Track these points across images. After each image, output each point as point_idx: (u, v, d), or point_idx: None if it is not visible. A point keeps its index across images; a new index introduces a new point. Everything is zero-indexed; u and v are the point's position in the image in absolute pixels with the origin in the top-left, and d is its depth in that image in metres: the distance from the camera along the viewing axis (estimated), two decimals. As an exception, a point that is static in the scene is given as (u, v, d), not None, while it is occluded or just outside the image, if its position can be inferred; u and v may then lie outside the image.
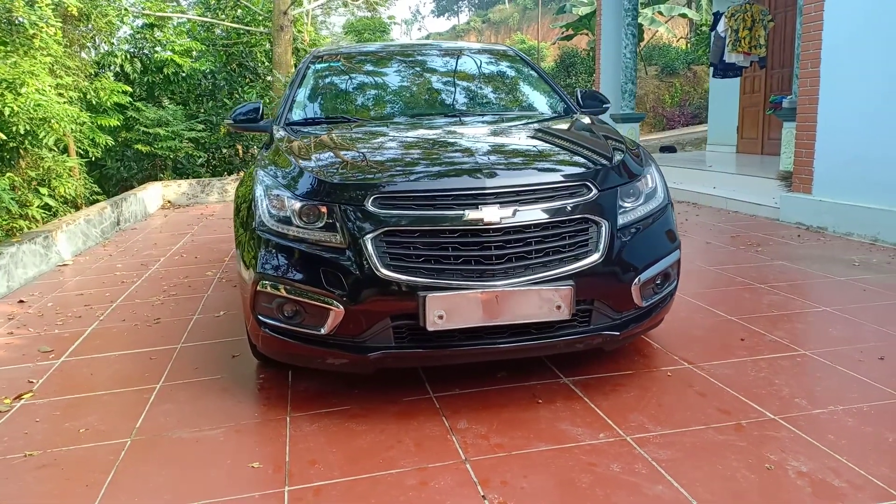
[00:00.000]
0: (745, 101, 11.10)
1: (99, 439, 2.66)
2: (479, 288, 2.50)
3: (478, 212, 2.54)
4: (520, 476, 2.22)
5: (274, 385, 3.09)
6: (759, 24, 9.03)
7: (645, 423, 2.55)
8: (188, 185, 11.00)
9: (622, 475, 2.20)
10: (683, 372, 3.01)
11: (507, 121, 3.62)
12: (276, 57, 12.14)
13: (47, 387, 3.24)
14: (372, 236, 2.54)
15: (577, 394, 2.83)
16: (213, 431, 2.67)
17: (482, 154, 2.85)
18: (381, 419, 2.70)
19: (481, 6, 55.36)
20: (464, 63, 4.32)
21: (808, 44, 6.23)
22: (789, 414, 2.58)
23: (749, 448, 2.35)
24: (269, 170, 2.98)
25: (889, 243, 5.41)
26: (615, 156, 2.91)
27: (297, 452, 2.46)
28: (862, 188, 5.75)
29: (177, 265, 5.91)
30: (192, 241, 7.14)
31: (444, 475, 2.25)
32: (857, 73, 5.74)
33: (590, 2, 19.93)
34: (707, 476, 2.18)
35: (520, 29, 44.13)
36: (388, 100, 3.94)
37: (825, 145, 6.14)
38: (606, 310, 2.69)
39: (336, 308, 2.55)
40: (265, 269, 2.70)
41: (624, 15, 10.55)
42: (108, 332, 4.05)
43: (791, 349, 3.23)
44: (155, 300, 4.72)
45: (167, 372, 3.34)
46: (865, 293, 4.09)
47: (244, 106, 4.01)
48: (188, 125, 11.63)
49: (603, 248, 2.63)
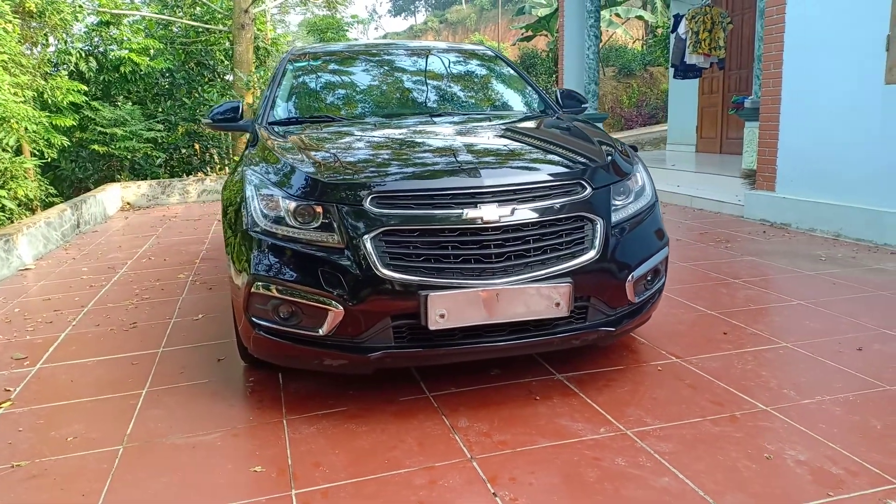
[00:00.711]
0: (704, 101, 11.35)
1: (89, 447, 2.58)
2: (479, 286, 2.50)
3: (477, 210, 2.55)
4: (527, 472, 2.24)
5: (265, 387, 3.05)
6: (719, 27, 9.26)
7: (643, 417, 2.59)
8: (148, 186, 10.75)
9: (628, 468, 2.24)
10: (673, 366, 3.07)
11: (495, 120, 3.65)
12: (236, 55, 11.96)
13: (26, 395, 3.13)
14: (371, 236, 2.53)
15: (572, 390, 2.87)
16: (209, 436, 2.62)
17: (478, 153, 2.86)
18: (381, 419, 2.68)
19: (438, 6, 55.41)
20: (443, 62, 4.33)
21: (771, 45, 6.41)
22: (780, 405, 2.65)
23: (746, 439, 2.41)
24: (258, 170, 2.94)
25: (851, 238, 5.61)
26: (606, 155, 2.96)
27: (299, 455, 2.43)
28: (824, 185, 5.94)
29: (146, 268, 5.77)
30: (158, 244, 6.99)
31: (451, 474, 2.25)
32: (817, 73, 5.93)
33: (549, 3, 20.15)
34: (710, 467, 2.23)
35: (477, 30, 44.29)
36: (372, 99, 3.92)
37: (788, 144, 6.33)
38: (602, 306, 2.73)
39: (335, 308, 2.53)
40: (259, 270, 2.66)
41: (587, 17, 10.69)
42: (82, 337, 3.94)
43: (773, 342, 3.32)
44: (128, 304, 4.61)
45: (151, 377, 3.26)
46: (835, 287, 4.23)
47: (222, 105, 3.95)
48: (147, 125, 11.39)
49: (598, 246, 2.66)
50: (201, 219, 8.79)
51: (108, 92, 12.01)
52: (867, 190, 5.52)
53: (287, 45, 16.25)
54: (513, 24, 26.04)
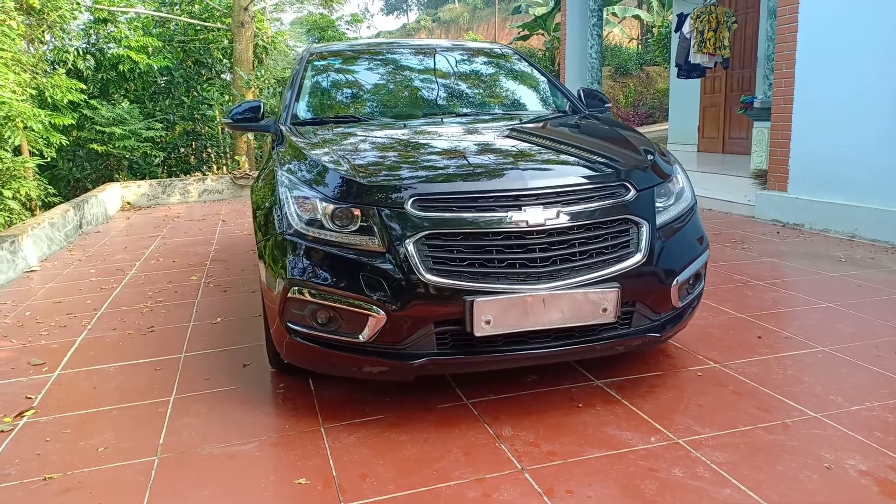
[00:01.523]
0: (706, 100, 11.34)
1: (122, 458, 2.50)
2: (525, 291, 2.44)
3: (522, 213, 2.48)
4: (584, 484, 2.18)
5: (297, 394, 2.97)
6: (724, 26, 9.23)
7: (692, 426, 2.53)
8: (148, 185, 10.62)
9: (686, 480, 2.18)
10: (712, 371, 3.02)
11: (528, 120, 3.58)
12: (236, 54, 11.83)
13: (48, 402, 3.04)
14: (414, 239, 2.46)
15: (614, 396, 2.81)
16: (246, 446, 2.54)
17: (519, 154, 2.80)
18: (421, 428, 2.62)
19: (430, 5, 55.29)
20: (465, 62, 4.26)
21: (783, 45, 6.38)
22: (830, 411, 2.61)
23: (801, 447, 2.36)
24: (290, 171, 2.86)
25: (867, 239, 5.58)
26: (647, 156, 2.90)
27: (343, 466, 2.36)
28: (838, 186, 5.92)
29: (155, 270, 5.67)
30: (164, 245, 6.88)
31: (504, 486, 2.19)
32: (831, 74, 5.90)
33: (545, 2, 20.11)
34: (770, 478, 2.18)
35: (470, 28, 44.22)
36: (397, 99, 3.84)
37: (800, 144, 6.30)
38: (647, 311, 2.67)
39: (377, 314, 2.46)
40: (296, 274, 2.58)
41: (589, 16, 10.66)
42: (100, 342, 3.85)
43: (809, 346, 3.27)
44: (142, 307, 4.51)
45: (177, 383, 3.18)
46: (861, 289, 4.20)
47: (242, 104, 3.87)
48: (146, 124, 11.24)
49: (644, 249, 2.60)
50: (205, 219, 8.68)
51: (107, 90, 11.86)
52: (883, 191, 5.50)
53: (284, 44, 16.13)
54: (509, 22, 25.99)
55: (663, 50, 17.82)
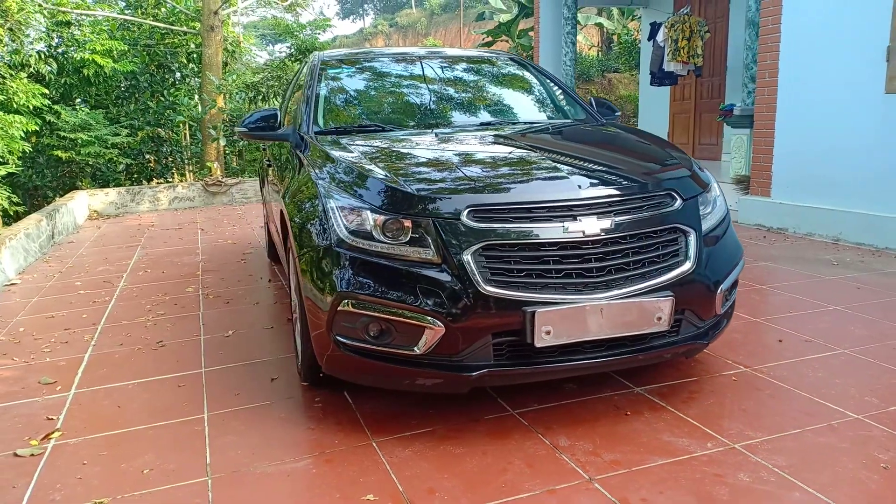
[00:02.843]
0: (676, 107, 11.58)
1: (171, 480, 2.42)
2: (582, 301, 2.45)
3: (578, 223, 2.50)
4: (655, 493, 2.19)
5: (337, 409, 2.92)
6: (697, 35, 9.46)
7: (743, 430, 2.58)
8: (116, 193, 10.32)
9: (754, 485, 2.22)
10: (746, 376, 3.08)
11: (557, 129, 3.61)
12: (206, 58, 11.60)
13: (73, 423, 2.92)
14: (472, 251, 2.44)
15: (658, 403, 2.84)
16: (300, 463, 2.48)
17: (566, 163, 2.81)
18: (475, 440, 2.60)
19: (387, 10, 55.22)
20: (478, 70, 4.27)
21: (766, 55, 6.57)
22: (869, 412, 2.68)
23: (853, 449, 2.42)
24: (333, 181, 2.82)
25: (852, 242, 5.78)
26: (687, 165, 2.95)
27: (407, 480, 2.33)
28: (822, 191, 6.11)
29: (145, 282, 5.51)
30: (146, 256, 6.69)
31: (578, 497, 2.19)
32: (814, 82, 6.10)
33: (509, 9, 20.28)
34: (834, 479, 2.23)
35: (428, 34, 44.33)
36: (420, 107, 3.82)
37: (783, 151, 6.49)
38: (694, 319, 2.71)
39: (435, 326, 2.43)
40: (347, 287, 2.54)
41: (563, 23, 10.78)
42: (109, 358, 3.72)
43: (830, 348, 3.37)
44: (144, 321, 4.38)
45: (206, 400, 3.09)
46: (861, 291, 4.34)
47: (256, 113, 3.80)
48: (112, 129, 10.93)
49: (693, 257, 2.64)
50: (181, 228, 8.48)
51: (70, 95, 11.50)
52: (867, 195, 5.70)
53: (250, 49, 15.90)
54: (474, 28, 26.13)
55: (629, 57, 18.13)
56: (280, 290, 5.00)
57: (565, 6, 10.59)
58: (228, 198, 10.91)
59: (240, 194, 10.99)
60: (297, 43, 12.15)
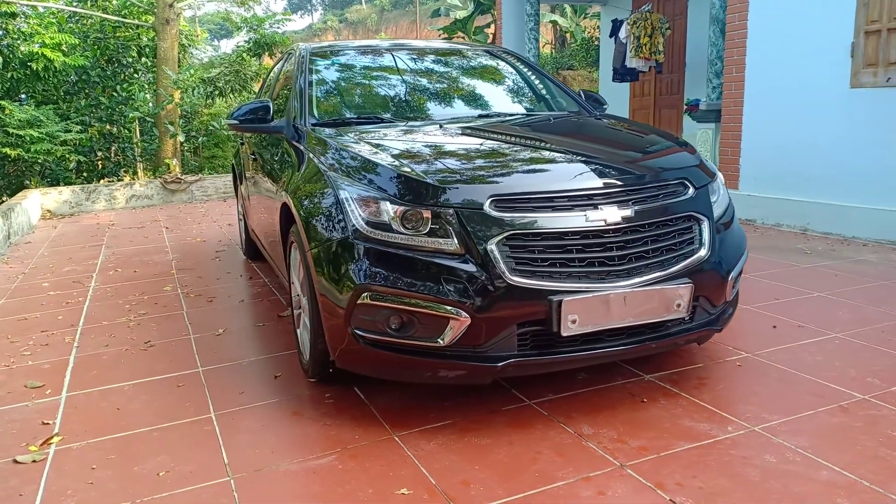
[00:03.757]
0: (636, 103, 11.78)
1: (191, 482, 2.34)
2: (606, 289, 2.46)
3: (599, 212, 2.51)
4: (689, 476, 2.22)
5: (349, 404, 2.87)
6: (658, 32, 9.64)
7: (759, 413, 2.63)
8: (70, 192, 9.95)
9: (782, 465, 2.26)
10: (749, 361, 3.15)
11: (560, 119, 3.61)
12: (161, 52, 11.26)
13: (72, 427, 2.80)
14: (496, 241, 2.43)
15: (671, 390, 2.88)
16: (324, 460, 2.43)
17: (581, 153, 2.82)
18: (498, 430, 2.59)
19: (335, 5, 54.65)
20: (474, 63, 4.25)
21: (733, 50, 6.74)
22: (874, 392, 2.77)
23: (867, 427, 2.50)
24: (346, 173, 2.76)
25: (819, 232, 5.98)
26: (695, 154, 2.99)
27: (439, 473, 2.30)
28: (789, 183, 6.30)
29: (119, 282, 5.32)
30: (113, 255, 6.46)
31: (614, 483, 2.20)
32: (780, 78, 6.28)
33: (465, 6, 20.31)
34: (857, 457, 2.29)
35: (379, 30, 44.07)
36: (417, 98, 3.78)
37: (750, 145, 6.67)
38: (707, 305, 2.75)
39: (460, 317, 2.41)
40: (367, 279, 2.50)
41: (526, 20, 10.84)
42: (97, 360, 3.57)
43: (823, 333, 3.47)
44: (126, 321, 4.22)
45: (210, 400, 3.00)
46: (839, 278, 4.49)
47: (247, 105, 3.71)
48: (63, 126, 10.52)
49: (707, 244, 2.69)
50: (144, 226, 8.22)
51: (16, 90, 11.02)
52: (833, 187, 5.90)
53: (202, 42, 15.53)
54: (429, 25, 26.08)
55: (586, 54, 18.37)
56: (263, 288, 4.89)
57: (528, 2, 10.65)
58: (188, 195, 10.63)
59: (200, 192, 10.72)
60: (257, 37, 11.88)
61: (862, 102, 5.60)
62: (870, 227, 5.58)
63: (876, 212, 5.54)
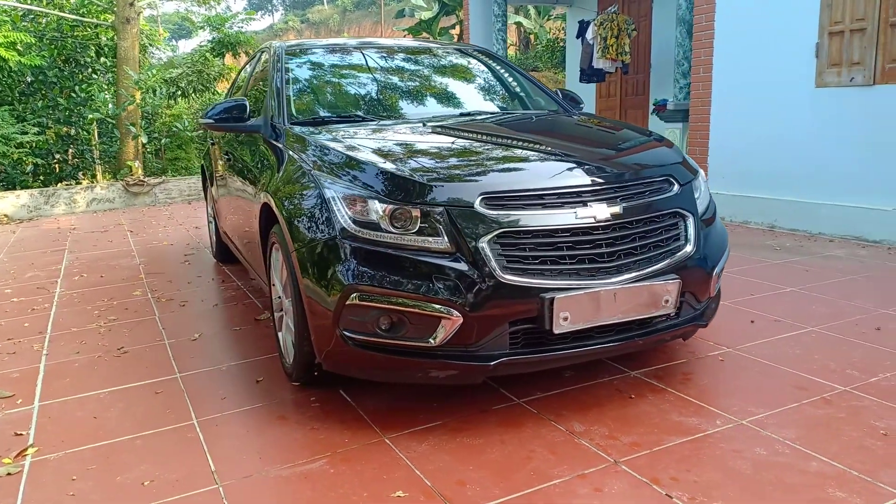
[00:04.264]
0: (602, 104, 11.90)
1: (178, 490, 2.27)
2: (595, 286, 2.47)
3: (588, 209, 2.51)
4: (683, 471, 2.23)
5: (336, 407, 2.83)
6: (625, 33, 9.75)
7: (745, 407, 2.66)
8: (28, 196, 9.66)
9: (772, 457, 2.29)
10: (732, 356, 3.19)
11: (547, 119, 3.61)
12: (121, 52, 11.00)
13: (47, 438, 2.70)
14: (487, 239, 2.41)
15: (658, 386, 2.90)
16: (314, 464, 2.38)
17: (568, 151, 2.83)
18: (489, 430, 2.57)
19: (297, 6, 54.14)
20: (451, 61, 4.24)
21: (700, 51, 6.84)
22: (854, 384, 2.83)
23: (850, 418, 2.54)
24: (331, 172, 2.72)
25: (786, 229, 6.11)
26: (678, 152, 3.02)
27: (433, 474, 2.28)
28: (756, 181, 6.43)
29: (85, 287, 5.17)
30: (77, 260, 6.28)
31: (610, 479, 2.20)
32: (747, 78, 6.40)
33: (430, 7, 20.30)
34: (843, 448, 2.33)
35: (341, 30, 43.80)
36: (395, 97, 3.74)
37: (718, 143, 6.78)
38: (692, 300, 2.78)
39: (452, 316, 2.39)
40: (355, 280, 2.46)
41: (494, 21, 10.87)
42: (69, 367, 3.46)
43: (799, 327, 3.54)
44: (96, 327, 4.10)
45: (191, 406, 2.92)
46: (810, 273, 4.59)
47: (222, 103, 3.64)
48: (20, 128, 10.21)
49: (693, 241, 2.71)
50: (108, 230, 8.02)
51: (-33, 91, 10.66)
52: (800, 184, 6.03)
53: (163, 42, 15.24)
54: (394, 26, 25.99)
55: (551, 55, 18.48)
56: (237, 291, 4.80)
57: (496, 3, 10.68)
58: (151, 198, 10.41)
59: (163, 194, 10.51)
60: (220, 36, 11.68)
61: (827, 101, 5.74)
62: (836, 223, 5.71)
63: (841, 208, 5.68)
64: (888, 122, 5.31)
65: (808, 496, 2.07)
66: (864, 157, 5.50)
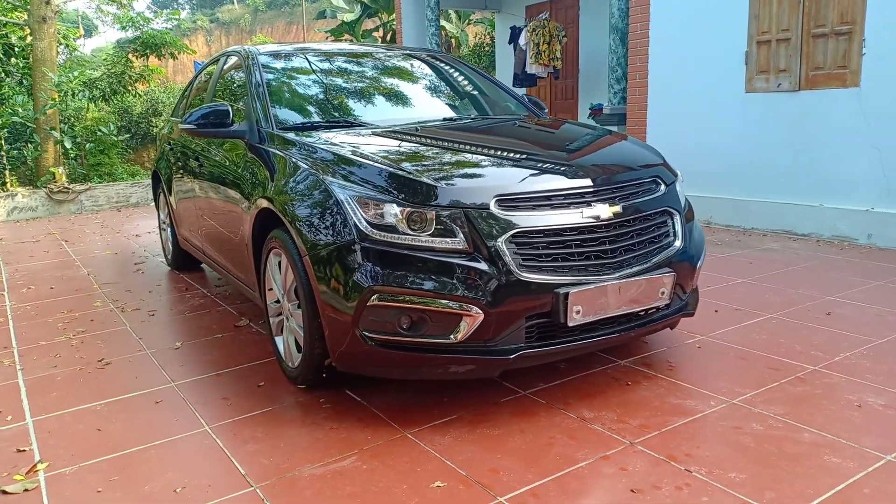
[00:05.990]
0: (532, 107, 12.24)
1: (214, 495, 2.28)
2: (603, 281, 2.64)
3: (593, 209, 2.69)
4: (694, 447, 2.43)
5: (348, 407, 2.89)
6: (556, 39, 10.11)
7: (733, 388, 2.91)
8: (-58, 205, 9.06)
9: (769, 431, 2.53)
10: (708, 343, 3.45)
11: (524, 122, 3.77)
12: (38, 52, 10.47)
13: (55, 452, 2.64)
14: (504, 238, 2.55)
15: (649, 373, 3.11)
16: (345, 462, 2.45)
17: (566, 154, 2.99)
18: (506, 421, 2.70)
19: (205, 5, 52.54)
20: (430, 67, 4.35)
21: (636, 58, 7.21)
22: (822, 364, 3.13)
23: (827, 394, 2.83)
24: (344, 176, 2.77)
25: (721, 225, 6.54)
26: (659, 154, 3.24)
27: (464, 464, 2.38)
28: (692, 180, 6.78)
29: (38, 299, 4.96)
30: (18, 271, 6.00)
31: (632, 459, 2.37)
32: (681, 83, 6.81)
33: (352, 9, 20.23)
34: (827, 419, 2.60)
35: (253, 31, 42.87)
36: (384, 102, 3.82)
37: (655, 146, 7.14)
38: (680, 292, 3.00)
39: (474, 314, 2.51)
40: (376, 281, 2.54)
41: (427, 24, 11.03)
42: (51, 381, 3.35)
43: (760, 315, 3.85)
44: (67, 340, 3.97)
45: (198, 414, 2.91)
46: (754, 265, 4.96)
47: (201, 109, 3.61)
48: (-72, 133, 9.56)
49: (682, 236, 2.93)
50: (39, 240, 7.66)
51: None
52: (732, 183, 6.48)
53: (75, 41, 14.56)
54: (316, 27, 25.68)
55: (477, 60, 18.76)
56: (205, 299, 4.73)
57: (428, 8, 10.84)
58: (77, 206, 9.98)
59: (90, 202, 10.09)
60: (143, 37, 11.29)
61: (756, 106, 6.19)
62: (767, 218, 6.17)
63: (771, 204, 6.14)
64: (812, 126, 5.80)
65: (809, 463, 2.31)
66: (791, 158, 5.97)
